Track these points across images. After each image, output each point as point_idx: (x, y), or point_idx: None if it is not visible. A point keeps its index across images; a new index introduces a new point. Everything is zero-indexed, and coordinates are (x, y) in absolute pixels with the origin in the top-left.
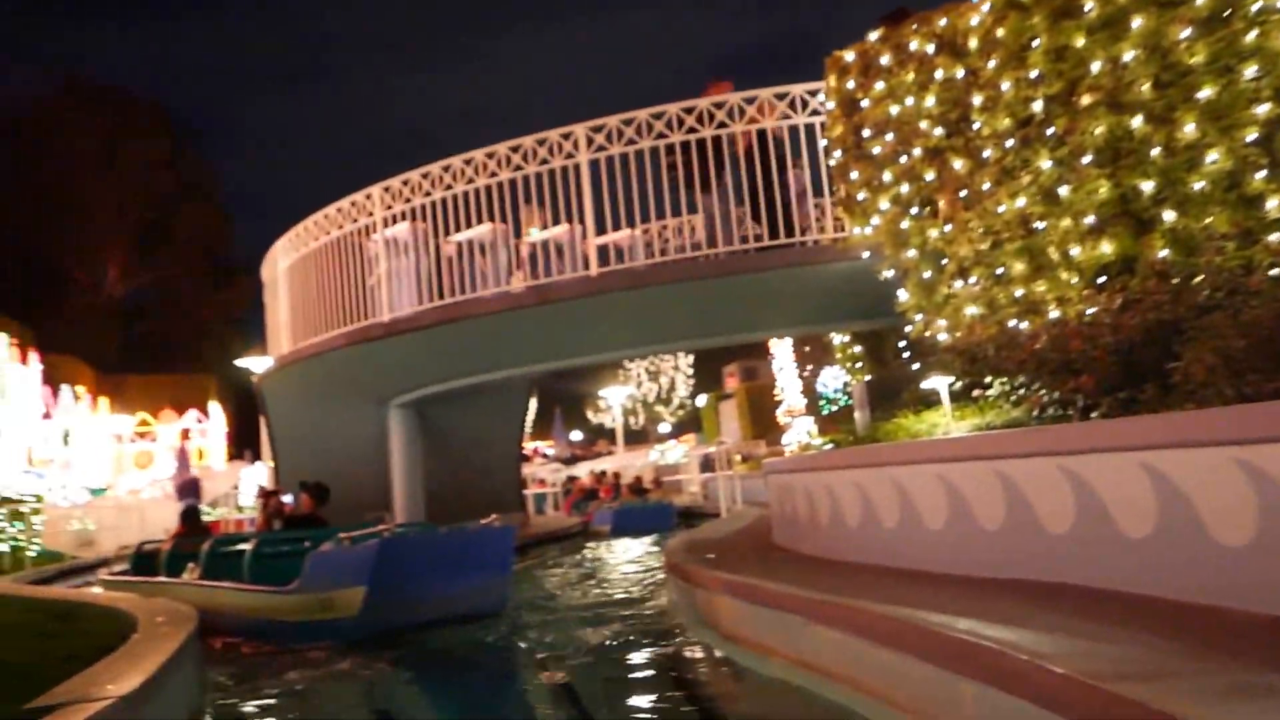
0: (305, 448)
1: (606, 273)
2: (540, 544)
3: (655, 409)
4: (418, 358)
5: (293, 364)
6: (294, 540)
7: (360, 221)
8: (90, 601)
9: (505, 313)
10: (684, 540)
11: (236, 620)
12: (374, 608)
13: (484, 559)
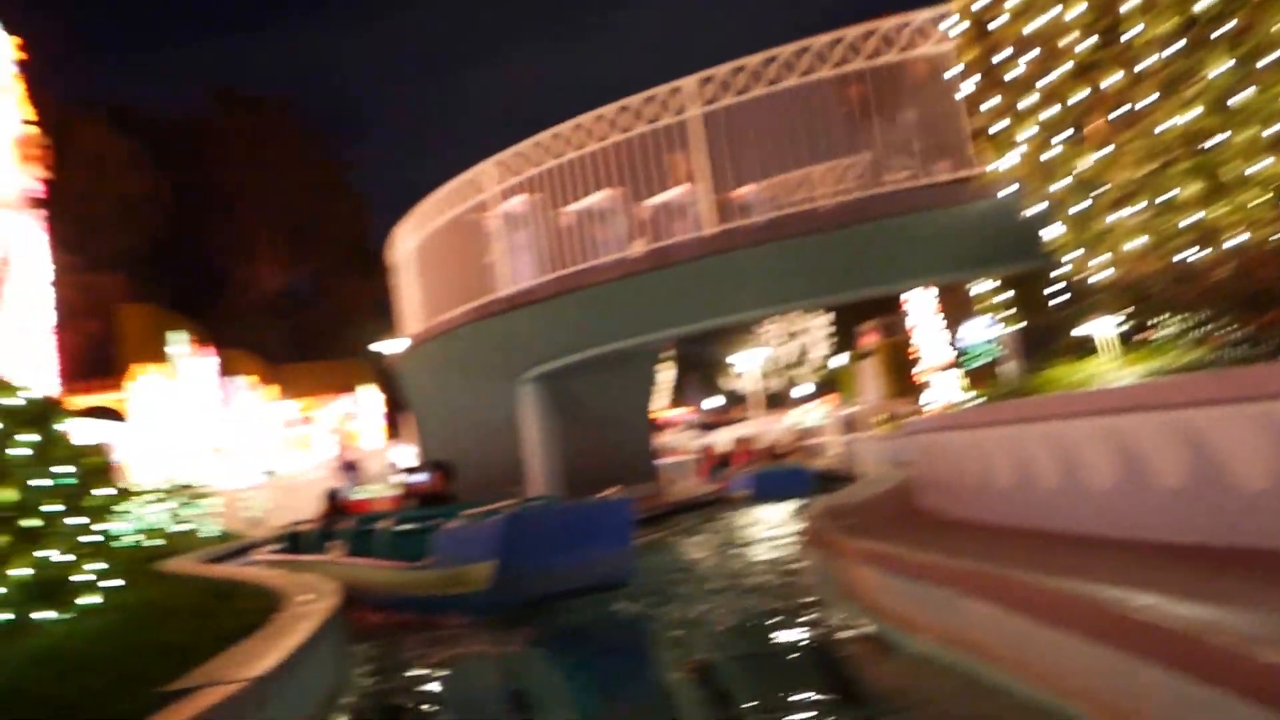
0: (442, 426)
1: (724, 230)
2: (676, 513)
3: (792, 371)
4: (540, 331)
5: (421, 345)
6: (427, 518)
7: (476, 198)
8: (247, 580)
9: (623, 280)
10: (823, 506)
11: (378, 594)
12: (503, 581)
13: (605, 531)
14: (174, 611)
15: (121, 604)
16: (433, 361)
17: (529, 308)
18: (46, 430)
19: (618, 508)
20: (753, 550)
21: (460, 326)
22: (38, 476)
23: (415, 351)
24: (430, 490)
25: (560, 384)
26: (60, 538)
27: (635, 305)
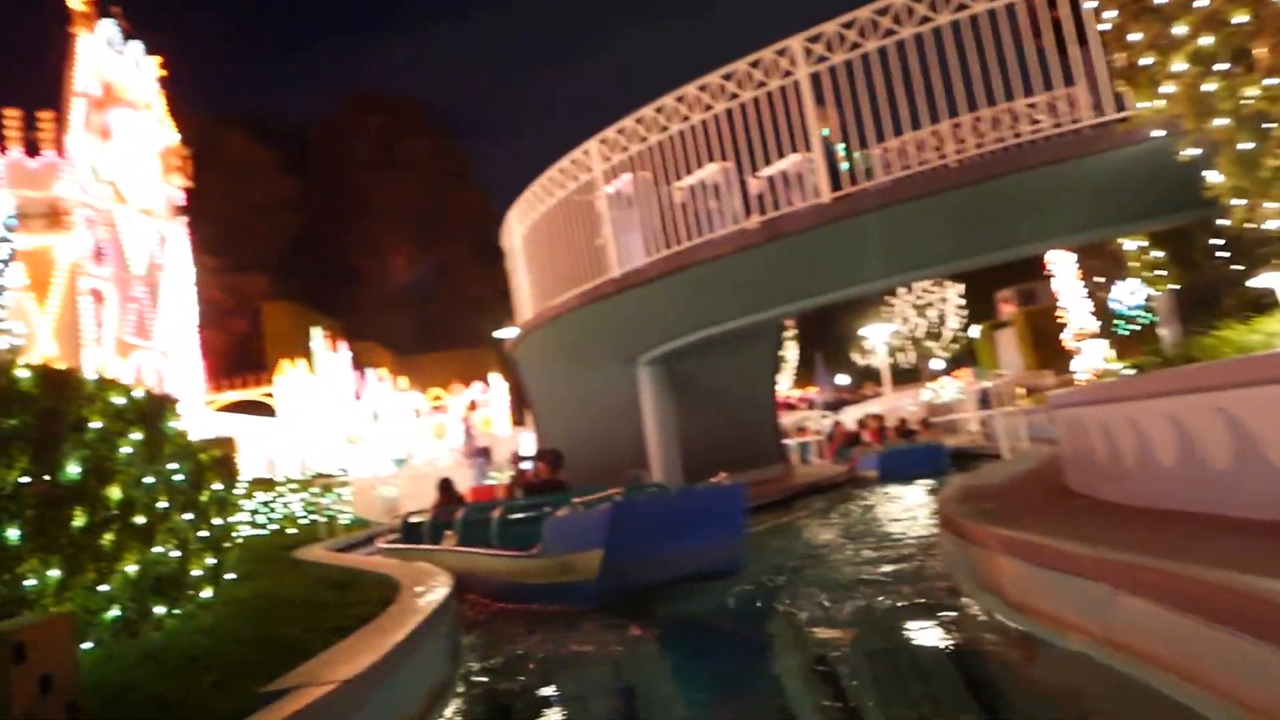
0: (561, 411)
1: (842, 196)
2: (803, 495)
3: (925, 345)
4: (653, 312)
5: (534, 330)
6: (536, 506)
7: (582, 178)
8: (367, 570)
9: (734, 255)
10: (960, 487)
11: (488, 583)
12: (611, 569)
13: (715, 518)
14: (290, 604)
15: (237, 598)
16: (546, 347)
17: (640, 289)
18: (155, 428)
19: (727, 494)
20: (883, 535)
21: (572, 311)
22: (147, 474)
23: (528, 338)
24: (537, 478)
25: (679, 365)
26: (171, 534)
27: (750, 281)
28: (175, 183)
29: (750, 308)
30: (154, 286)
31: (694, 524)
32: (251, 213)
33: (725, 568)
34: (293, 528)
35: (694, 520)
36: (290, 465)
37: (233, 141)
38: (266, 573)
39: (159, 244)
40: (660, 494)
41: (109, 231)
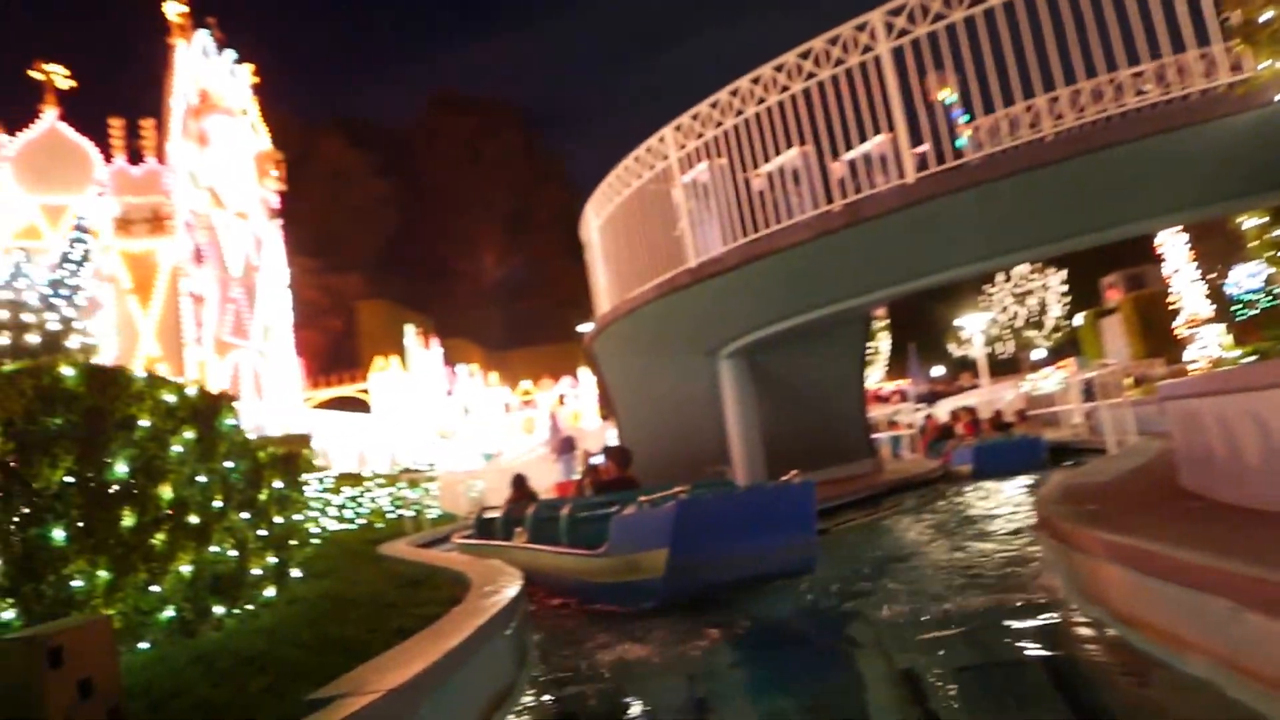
0: (640, 406)
1: (928, 176)
2: (894, 492)
3: (1025, 334)
4: (731, 303)
5: (611, 323)
6: (604, 504)
7: (658, 166)
8: (442, 566)
9: (815, 242)
10: (1061, 485)
11: (558, 581)
12: (677, 569)
13: (784, 517)
14: (355, 603)
15: (302, 597)
16: (623, 340)
17: (718, 279)
18: (209, 426)
19: (797, 492)
20: (977, 535)
21: (649, 303)
22: (200, 473)
23: (605, 331)
24: (607, 475)
25: (762, 358)
26: (228, 533)
27: (832, 269)
28: (270, 186)
29: (833, 297)
30: (250, 287)
31: (762, 523)
32: (347, 215)
33: (796, 568)
34: (380, 522)
35: (762, 519)
36: (381, 460)
37: (329, 147)
38: (343, 569)
39: (255, 246)
40: (726, 492)
41: (208, 235)
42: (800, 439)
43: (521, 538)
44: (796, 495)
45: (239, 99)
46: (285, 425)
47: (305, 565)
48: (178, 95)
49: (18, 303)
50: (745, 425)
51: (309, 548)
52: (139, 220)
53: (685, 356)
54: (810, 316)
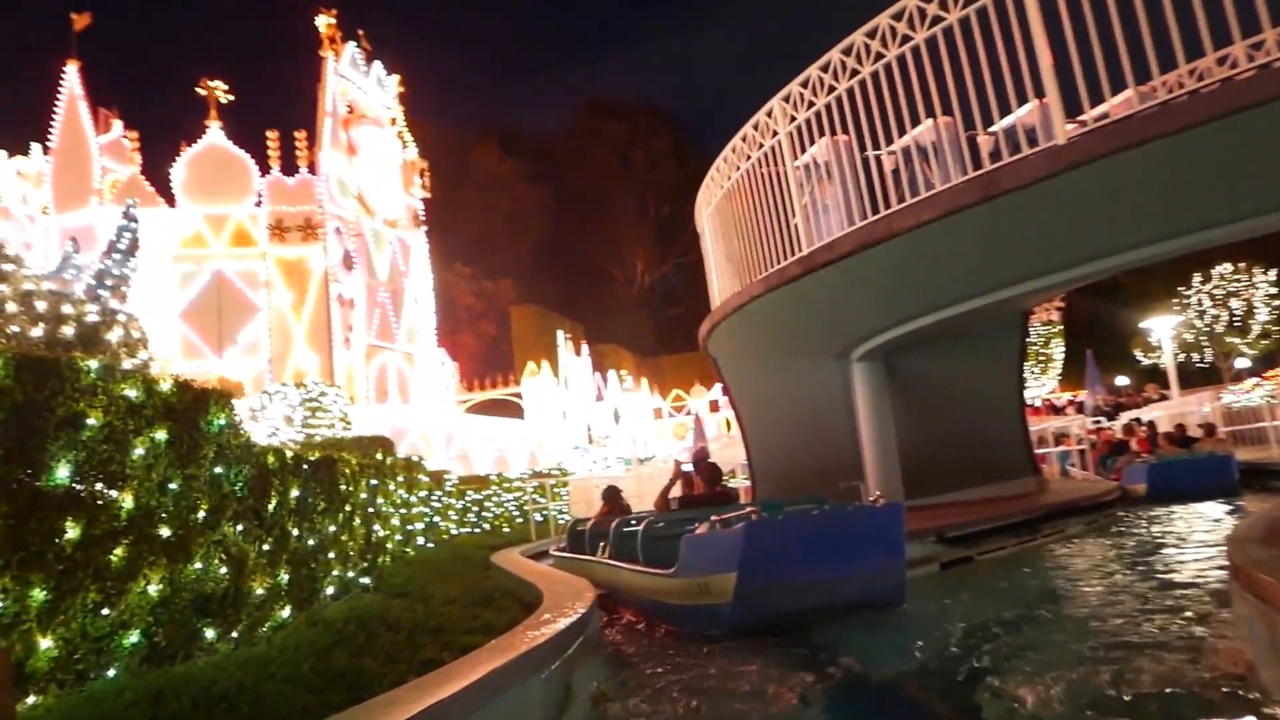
0: (766, 413)
1: (1086, 134)
2: (1055, 516)
3: (1227, 341)
4: (851, 297)
5: (722, 321)
6: (684, 521)
7: (766, 143)
8: (530, 581)
9: (943, 221)
10: (1262, 522)
11: (635, 600)
12: (747, 594)
13: (867, 542)
14: (394, 626)
15: (330, 619)
16: (740, 340)
17: (832, 269)
18: (191, 426)
19: (882, 516)
20: (1149, 577)
21: (757, 298)
22: (175, 479)
23: (719, 330)
24: (695, 490)
25: (900, 361)
26: (219, 547)
27: (966, 255)
28: (416, 194)
29: (970, 290)
30: (396, 292)
31: (842, 548)
32: (501, 222)
33: (881, 598)
34: (508, 526)
35: (842, 543)
36: (521, 464)
37: (483, 156)
38: (423, 581)
39: (401, 252)
40: (802, 514)
41: (356, 241)
42: (946, 453)
43: (605, 553)
44: (881, 519)
45: (387, 109)
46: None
47: (385, 577)
48: (328, 107)
49: (59, 294)
50: (880, 437)
51: (385, 557)
52: (292, 228)
53: (811, 359)
54: (946, 314)
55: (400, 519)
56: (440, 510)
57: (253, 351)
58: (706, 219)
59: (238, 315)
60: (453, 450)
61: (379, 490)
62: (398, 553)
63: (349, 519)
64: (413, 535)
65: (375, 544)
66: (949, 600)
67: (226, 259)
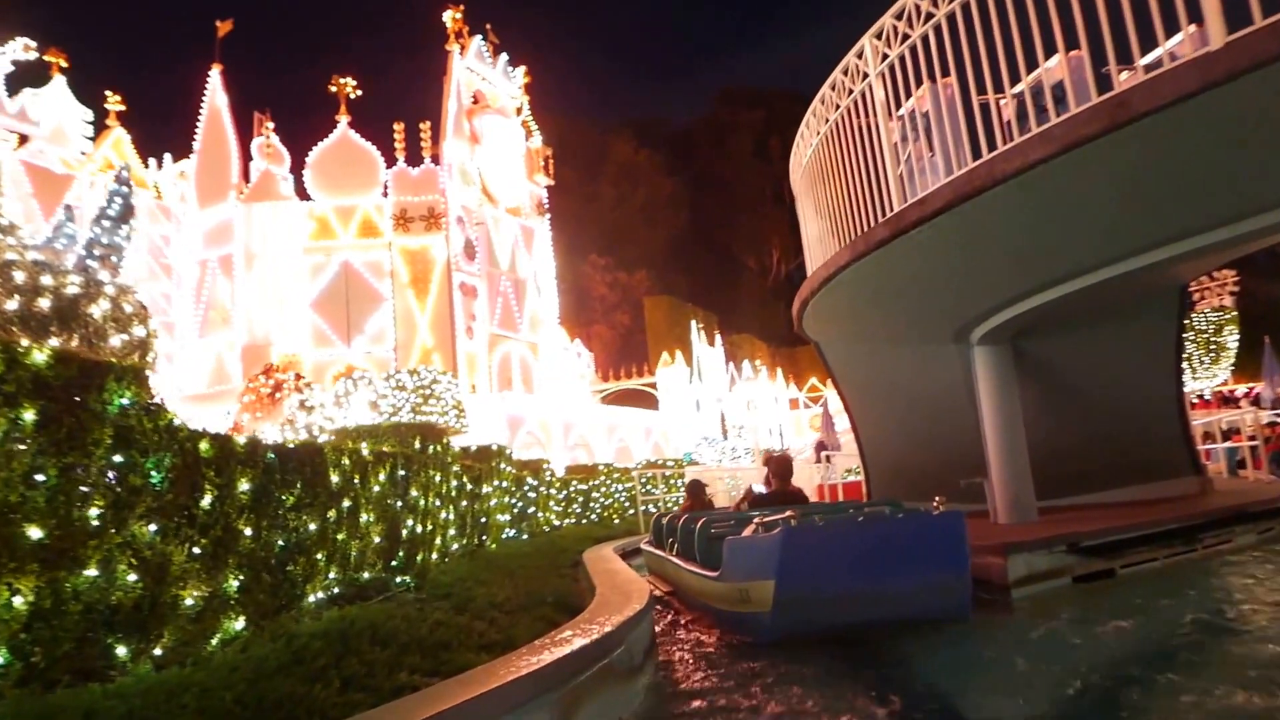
0: (877, 404)
1: (1253, 33)
2: (1219, 523)
3: None
4: (954, 265)
5: (811, 297)
6: (740, 522)
7: (858, 88)
8: (591, 585)
9: (1059, 160)
10: None
11: (692, 599)
12: (786, 604)
13: (922, 552)
14: (384, 640)
15: (301, 631)
16: (835, 320)
17: (926, 230)
18: (79, 405)
19: (942, 524)
20: None
21: (845, 268)
22: (50, 470)
23: (811, 307)
24: (767, 488)
25: (1029, 345)
26: (125, 550)
27: (1090, 207)
28: (540, 181)
29: (1105, 251)
30: (519, 280)
31: (893, 557)
32: (636, 213)
33: (939, 613)
34: (618, 517)
35: (892, 553)
36: (644, 453)
37: (619, 149)
38: (476, 580)
39: (524, 240)
40: (846, 520)
41: (479, 230)
42: (1086, 449)
43: (674, 549)
44: (938, 526)
45: (512, 99)
46: (489, 416)
47: (433, 576)
48: (453, 98)
49: (44, 264)
50: (1007, 430)
51: (424, 555)
52: (416, 218)
53: (922, 342)
54: (1077, 285)
55: (468, 512)
56: (539, 501)
57: (379, 340)
58: (797, 186)
59: (364, 304)
60: (572, 439)
61: (414, 482)
62: (468, 548)
63: (350, 515)
64: (492, 528)
65: (412, 541)
66: (1078, 624)
67: (353, 249)
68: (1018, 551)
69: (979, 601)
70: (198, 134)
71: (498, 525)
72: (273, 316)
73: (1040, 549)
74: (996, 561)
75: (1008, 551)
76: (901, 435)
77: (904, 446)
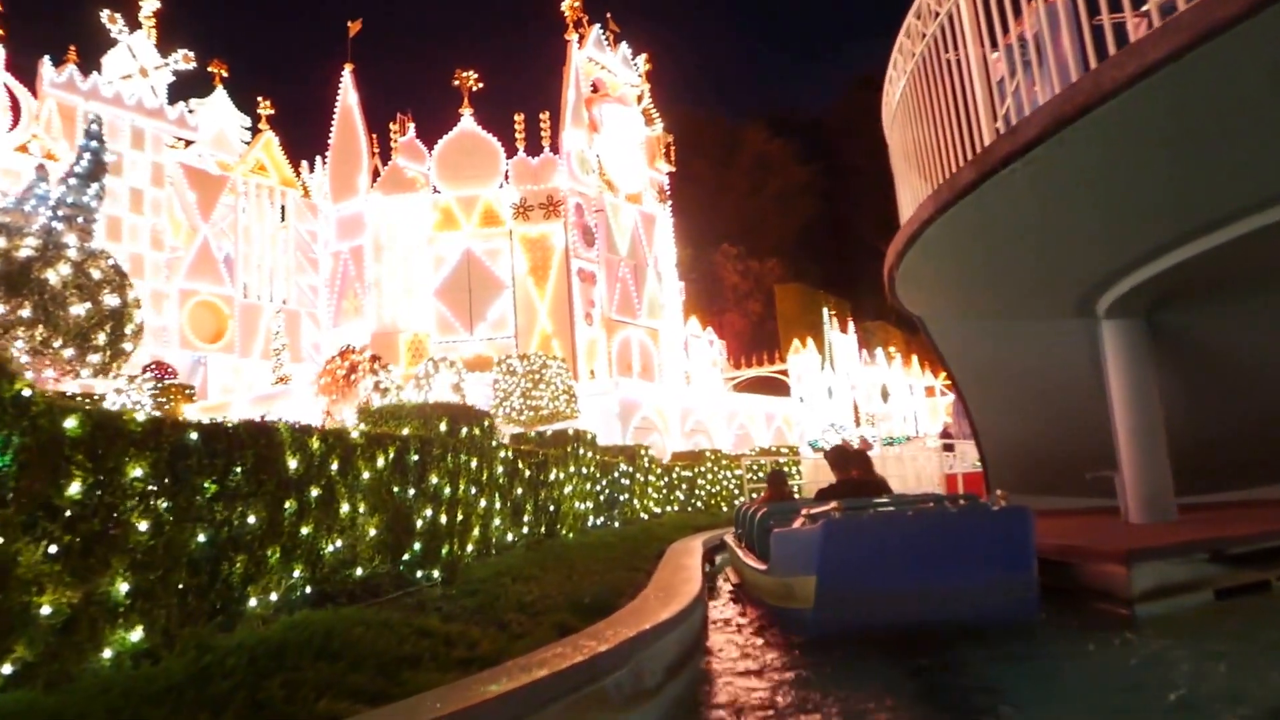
0: (989, 384)
1: None
2: None
3: None
4: (1053, 210)
5: (897, 264)
6: (791, 512)
7: (943, 8)
8: (651, 582)
9: (1182, 63)
10: None
11: (752, 593)
12: (829, 601)
13: (980, 549)
14: (334, 654)
15: (205, 645)
16: (932, 288)
17: (1023, 168)
18: None
19: (1000, 520)
20: None
21: (936, 220)
22: None
23: (902, 277)
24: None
25: (1170, 317)
26: None
27: (1242, 126)
28: (661, 168)
29: (1256, 190)
30: (638, 267)
31: (947, 554)
32: (768, 201)
33: (1000, 615)
34: (726, 505)
35: (947, 549)
36: (766, 440)
37: (752, 138)
38: (517, 576)
39: (644, 227)
40: (894, 513)
41: (597, 217)
42: (1237, 438)
43: (742, 541)
44: (997, 522)
45: (632, 87)
46: (602, 402)
47: (475, 569)
48: (571, 87)
49: (5, 226)
50: (1141, 416)
51: (451, 546)
52: (535, 206)
53: (1039, 315)
54: (1223, 237)
55: (527, 500)
56: (634, 488)
57: (500, 326)
58: (889, 137)
59: (486, 292)
60: (689, 425)
61: (435, 468)
62: (530, 538)
63: (322, 505)
64: (565, 516)
65: (435, 532)
66: (1220, 652)
67: (475, 238)
68: (1146, 559)
69: (1094, 618)
70: (332, 131)
71: (575, 513)
72: (401, 305)
73: (1176, 556)
74: (1117, 570)
75: (1132, 560)
76: (1019, 422)
77: (1023, 435)
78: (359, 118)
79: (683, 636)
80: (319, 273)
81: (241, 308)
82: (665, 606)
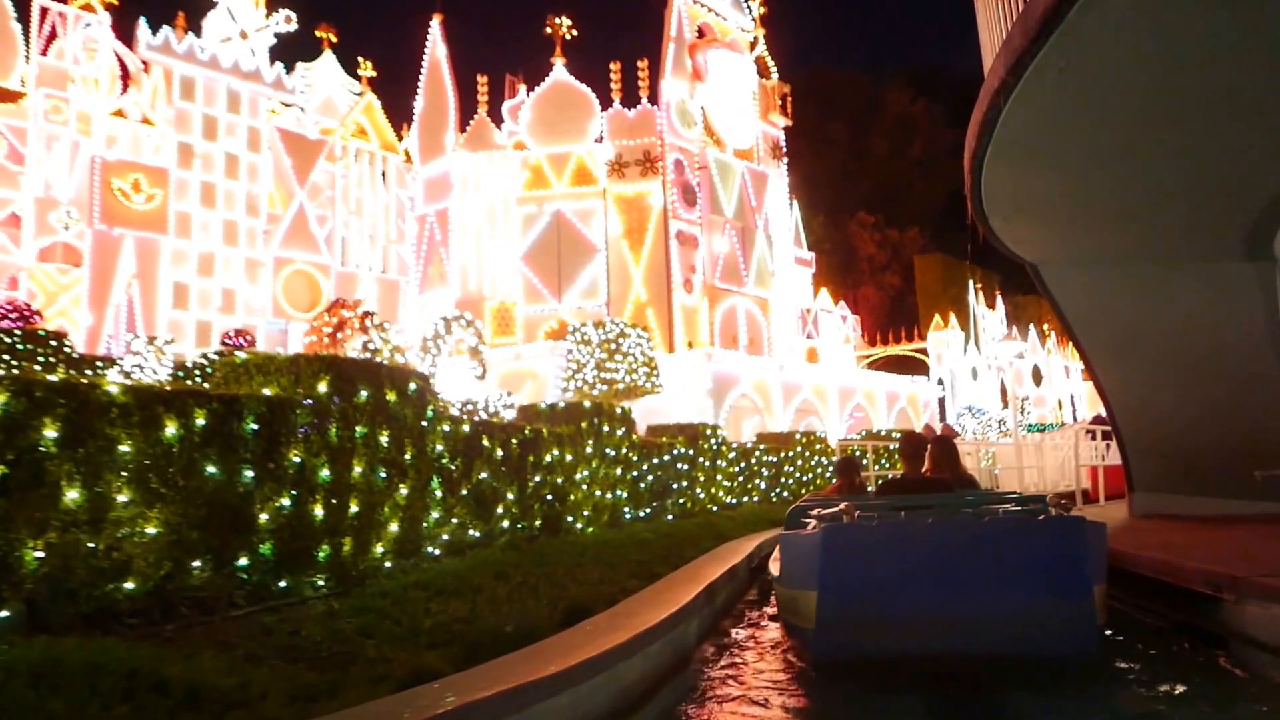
0: (1126, 354)
1: None
2: None
3: None
4: (1218, 85)
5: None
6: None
7: None
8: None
9: None
10: None
11: None
12: (832, 621)
13: (1022, 567)
14: None
15: None
16: (1049, 222)
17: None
18: None
19: (1045, 531)
20: None
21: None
22: None
23: (997, 192)
24: None
25: None
26: None
27: None
28: (776, 122)
29: None
30: (746, 230)
31: (981, 571)
32: (911, 168)
33: (1047, 647)
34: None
35: (981, 565)
36: (882, 423)
37: (894, 99)
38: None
39: (755, 186)
40: (911, 520)
41: (700, 175)
42: None
43: None
44: (1045, 534)
45: (744, 33)
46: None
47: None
48: (673, 33)
49: None
50: None
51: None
52: (631, 162)
53: (1189, 256)
54: None
55: (506, 487)
56: (694, 475)
57: (591, 294)
58: None
59: (576, 256)
60: (795, 405)
61: (293, 444)
62: (526, 533)
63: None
64: (573, 508)
65: (304, 529)
66: None
67: (566, 199)
68: (1252, 599)
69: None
70: (419, 87)
71: (599, 504)
72: (486, 269)
73: None
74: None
75: (1239, 590)
76: (1168, 401)
77: (1171, 417)
78: (447, 72)
79: (604, 689)
80: (406, 239)
81: (338, 275)
82: (591, 644)
